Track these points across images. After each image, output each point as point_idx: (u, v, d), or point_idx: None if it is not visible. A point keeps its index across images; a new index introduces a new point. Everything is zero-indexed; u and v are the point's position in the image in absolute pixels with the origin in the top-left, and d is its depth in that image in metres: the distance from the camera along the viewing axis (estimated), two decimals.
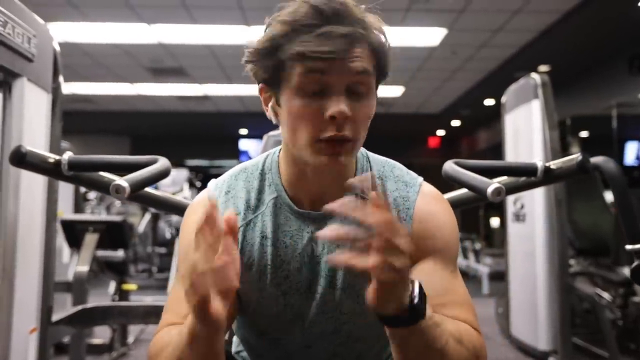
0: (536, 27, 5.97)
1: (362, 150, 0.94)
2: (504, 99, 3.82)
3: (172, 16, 5.86)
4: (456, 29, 6.06)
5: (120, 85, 9.05)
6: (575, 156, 1.19)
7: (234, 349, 1.06)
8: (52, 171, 1.15)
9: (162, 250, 6.36)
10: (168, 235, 6.33)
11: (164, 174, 1.08)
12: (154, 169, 1.06)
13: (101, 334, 3.45)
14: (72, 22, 5.73)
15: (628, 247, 1.24)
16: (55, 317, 1.54)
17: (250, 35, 6.85)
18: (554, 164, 1.21)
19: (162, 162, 1.11)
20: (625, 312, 3.52)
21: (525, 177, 1.24)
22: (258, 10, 5.56)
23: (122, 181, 0.95)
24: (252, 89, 9.38)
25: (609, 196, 4.26)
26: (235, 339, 1.07)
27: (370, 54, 0.81)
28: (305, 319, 0.89)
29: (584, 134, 10.07)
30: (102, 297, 4.57)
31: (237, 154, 13.50)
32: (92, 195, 7.07)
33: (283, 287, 0.88)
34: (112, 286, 5.40)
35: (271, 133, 1.48)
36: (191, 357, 0.73)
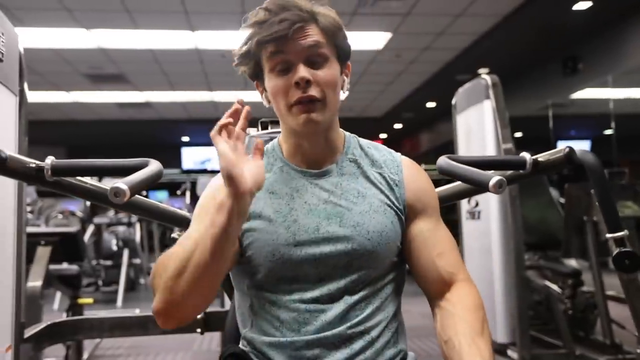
0: (477, 30, 6.19)
1: (352, 134, 1.13)
2: (454, 100, 3.92)
3: (113, 21, 5.67)
4: (400, 33, 6.19)
5: (56, 93, 8.66)
6: (563, 148, 1.24)
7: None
8: (34, 177, 1.08)
9: (108, 262, 6.11)
10: (114, 247, 6.09)
11: (159, 175, 1.04)
12: (150, 171, 1.02)
13: (53, 353, 3.27)
14: None
15: (608, 235, 1.28)
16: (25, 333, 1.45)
17: (195, 40, 6.71)
18: (541, 157, 1.25)
19: (155, 164, 1.06)
20: (575, 302, 3.68)
21: (514, 170, 1.27)
22: (203, 15, 5.47)
23: (122, 184, 0.90)
24: (195, 96, 9.24)
25: (554, 193, 4.48)
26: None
27: (320, 31, 0.99)
28: (318, 256, 0.98)
29: (518, 134, 10.52)
30: (48, 314, 4.34)
31: (179, 163, 13.20)
32: (29, 207, 6.71)
33: (292, 228, 0.99)
34: (57, 301, 5.18)
35: (253, 133, 1.45)
36: (207, 245, 0.83)
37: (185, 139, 13.13)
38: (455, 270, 1.03)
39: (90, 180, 1.19)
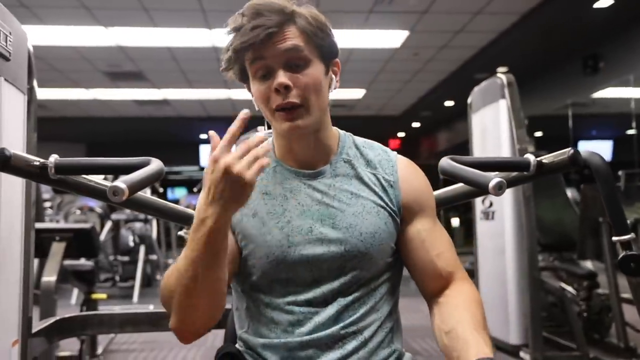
0: (495, 28, 6.13)
1: (346, 133, 1.12)
2: (470, 99, 3.88)
3: (131, 19, 5.73)
4: (417, 31, 6.15)
5: (75, 91, 8.79)
6: (567, 150, 1.21)
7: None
8: (37, 175, 1.10)
9: (125, 258, 6.19)
10: (131, 243, 6.17)
11: (159, 174, 1.04)
12: (150, 170, 1.02)
13: (68, 346, 3.32)
14: (24, 24, 5.51)
15: (615, 238, 1.26)
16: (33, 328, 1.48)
17: (212, 38, 6.76)
18: (545, 159, 1.23)
19: (156, 163, 1.07)
20: (590, 304, 3.63)
21: (518, 171, 1.25)
22: (220, 13, 5.50)
23: (120, 183, 0.91)
24: (213, 93, 9.29)
25: (570, 193, 4.41)
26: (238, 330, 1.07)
27: (299, 33, 0.97)
28: (311, 258, 0.98)
29: (538, 134, 10.38)
30: (65, 308, 4.41)
31: (197, 160, 13.29)
32: (48, 203, 6.82)
33: (286, 229, 0.99)
34: (74, 296, 5.26)
35: (257, 133, 1.46)
36: (205, 271, 0.86)
37: (204, 136, 13.21)
38: (453, 269, 1.04)
39: (94, 178, 1.20)
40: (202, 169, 13.24)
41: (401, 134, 13.70)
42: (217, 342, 3.84)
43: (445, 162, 1.17)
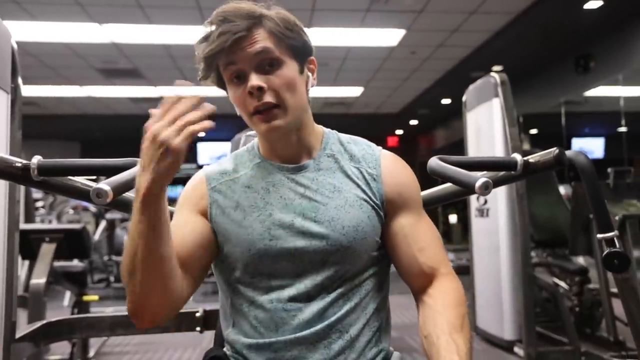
0: (490, 27, 6.13)
1: (332, 130, 1.13)
2: (464, 98, 3.89)
3: (125, 16, 5.68)
4: (414, 30, 6.14)
5: (69, 88, 8.72)
6: (552, 150, 1.22)
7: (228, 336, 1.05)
8: (19, 177, 1.08)
9: (120, 258, 6.13)
10: None
11: None
12: (135, 172, 1.01)
13: (59, 350, 3.29)
14: (15, 20, 5.47)
15: (599, 236, 1.28)
16: (17, 333, 1.45)
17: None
18: (532, 158, 1.24)
19: None
20: (581, 299, 3.67)
21: (505, 171, 1.25)
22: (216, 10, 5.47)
23: (104, 185, 0.90)
24: (209, 91, 9.24)
25: (562, 190, 4.42)
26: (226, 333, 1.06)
27: (268, 35, 0.98)
28: (293, 251, 0.98)
29: (533, 131, 10.40)
30: (57, 310, 4.38)
31: (195, 157, 13.24)
32: (40, 203, 6.78)
33: (267, 223, 0.99)
34: (67, 298, 5.22)
35: (248, 133, 1.45)
36: (142, 243, 0.83)
37: (201, 133, 13.15)
38: (436, 264, 1.03)
39: (80, 179, 1.18)
40: (199, 167, 13.19)
41: (399, 132, 13.69)
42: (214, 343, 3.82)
43: (434, 162, 1.17)
